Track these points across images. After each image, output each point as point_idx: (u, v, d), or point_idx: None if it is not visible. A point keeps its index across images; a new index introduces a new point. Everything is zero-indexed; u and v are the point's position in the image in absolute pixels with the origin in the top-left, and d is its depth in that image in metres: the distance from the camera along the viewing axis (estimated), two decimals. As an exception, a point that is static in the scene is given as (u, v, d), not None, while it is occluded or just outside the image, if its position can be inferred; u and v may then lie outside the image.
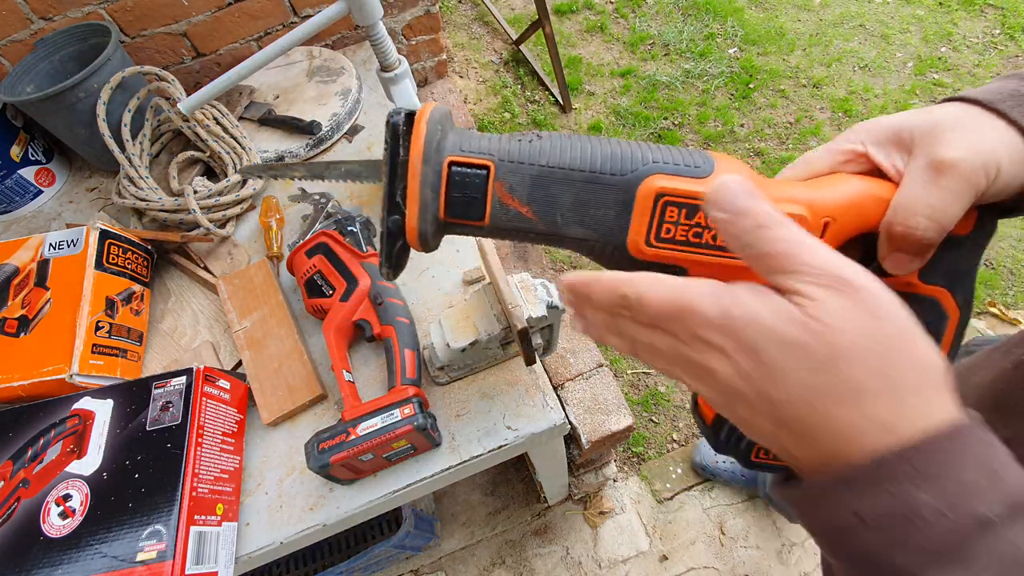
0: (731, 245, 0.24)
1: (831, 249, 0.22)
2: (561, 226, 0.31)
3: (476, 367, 0.71)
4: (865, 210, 0.29)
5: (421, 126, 0.30)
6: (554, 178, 0.30)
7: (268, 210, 0.89)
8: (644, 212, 0.29)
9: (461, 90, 2.05)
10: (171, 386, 0.64)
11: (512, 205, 0.31)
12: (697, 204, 0.29)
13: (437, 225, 0.32)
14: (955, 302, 0.30)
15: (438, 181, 0.31)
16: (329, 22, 0.67)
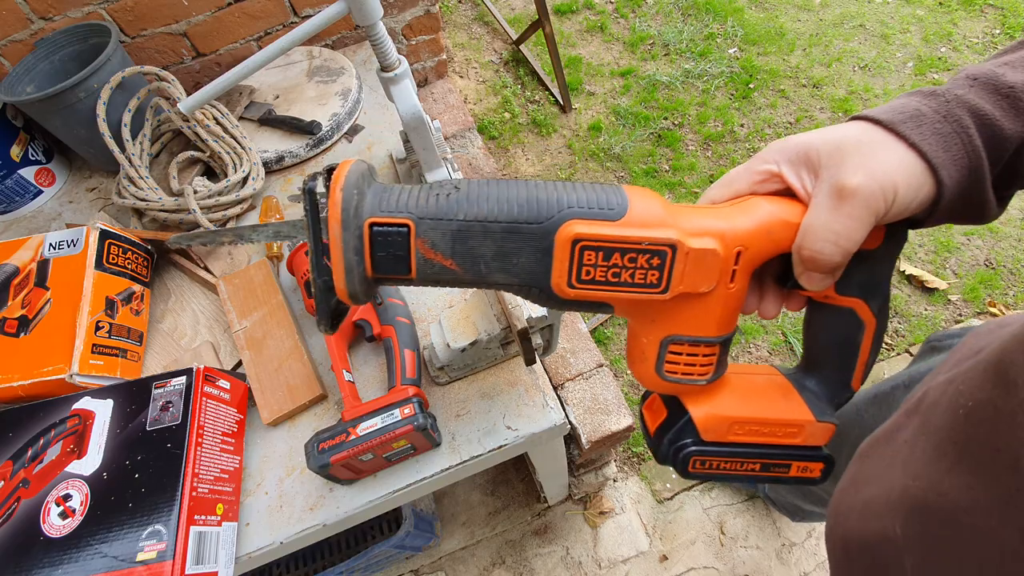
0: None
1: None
2: (486, 275, 0.32)
3: (476, 367, 0.71)
4: (775, 235, 0.31)
5: (337, 194, 0.31)
6: (473, 232, 0.31)
7: (268, 210, 0.89)
8: (563, 257, 0.30)
9: (461, 90, 2.05)
10: (171, 386, 0.64)
11: (436, 260, 0.31)
12: (613, 247, 0.30)
13: (366, 284, 0.33)
14: (871, 311, 0.33)
15: (360, 244, 0.31)
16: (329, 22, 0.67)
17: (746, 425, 0.35)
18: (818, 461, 0.36)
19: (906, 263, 1.56)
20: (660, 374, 0.35)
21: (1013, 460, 0.27)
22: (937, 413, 0.34)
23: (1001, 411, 0.28)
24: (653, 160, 1.84)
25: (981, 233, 1.60)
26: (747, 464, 0.36)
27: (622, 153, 1.86)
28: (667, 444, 0.36)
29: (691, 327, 0.33)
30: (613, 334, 1.54)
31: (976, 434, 0.29)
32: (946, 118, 0.30)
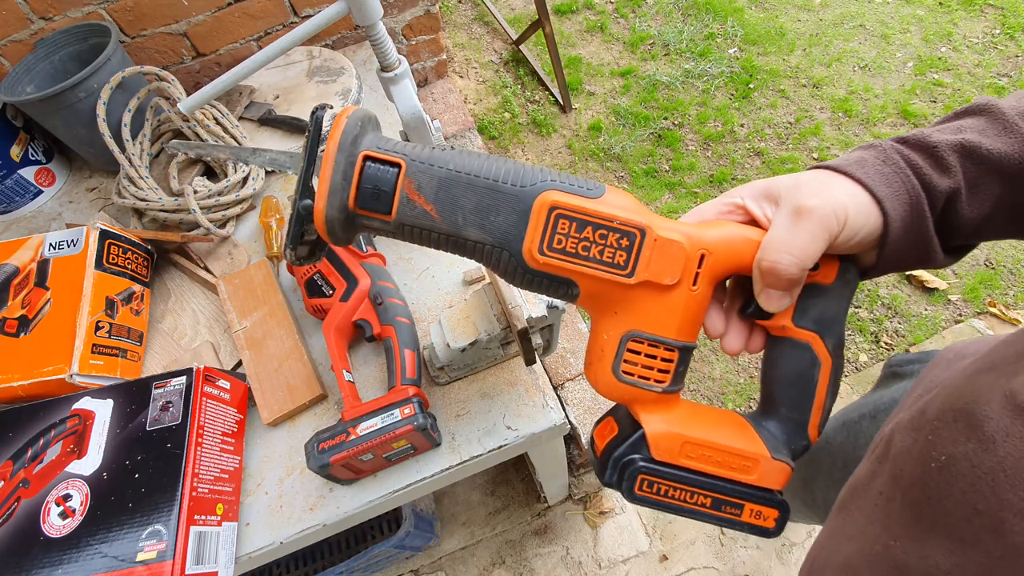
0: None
1: None
2: (462, 227, 0.33)
3: (476, 367, 0.71)
4: (736, 247, 0.33)
5: (342, 120, 0.33)
6: (459, 182, 0.33)
7: (268, 210, 0.89)
8: (539, 222, 0.32)
9: (461, 90, 2.05)
10: (171, 386, 0.64)
11: (418, 202, 0.33)
12: (586, 220, 0.32)
13: (345, 214, 0.34)
14: (826, 348, 0.34)
15: (351, 171, 0.33)
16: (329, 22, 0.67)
17: (699, 449, 0.34)
18: (773, 507, 0.34)
19: (906, 263, 1.56)
20: (616, 373, 0.34)
21: (995, 524, 0.26)
22: (909, 464, 0.34)
23: (979, 469, 0.27)
24: (653, 160, 1.84)
25: (981, 233, 1.60)
26: (697, 496, 0.34)
27: (622, 153, 1.86)
28: (615, 460, 0.34)
29: (653, 324, 0.34)
30: (613, 334, 1.53)
31: (951, 492, 0.29)
32: (885, 162, 0.34)
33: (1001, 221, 0.34)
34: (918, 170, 0.34)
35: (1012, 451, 0.26)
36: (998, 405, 0.28)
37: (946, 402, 0.32)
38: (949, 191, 0.33)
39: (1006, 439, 0.27)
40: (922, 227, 0.33)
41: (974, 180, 0.33)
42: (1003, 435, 0.27)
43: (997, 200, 0.34)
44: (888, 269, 0.35)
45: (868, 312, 1.50)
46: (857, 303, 1.52)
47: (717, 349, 1.48)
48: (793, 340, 0.34)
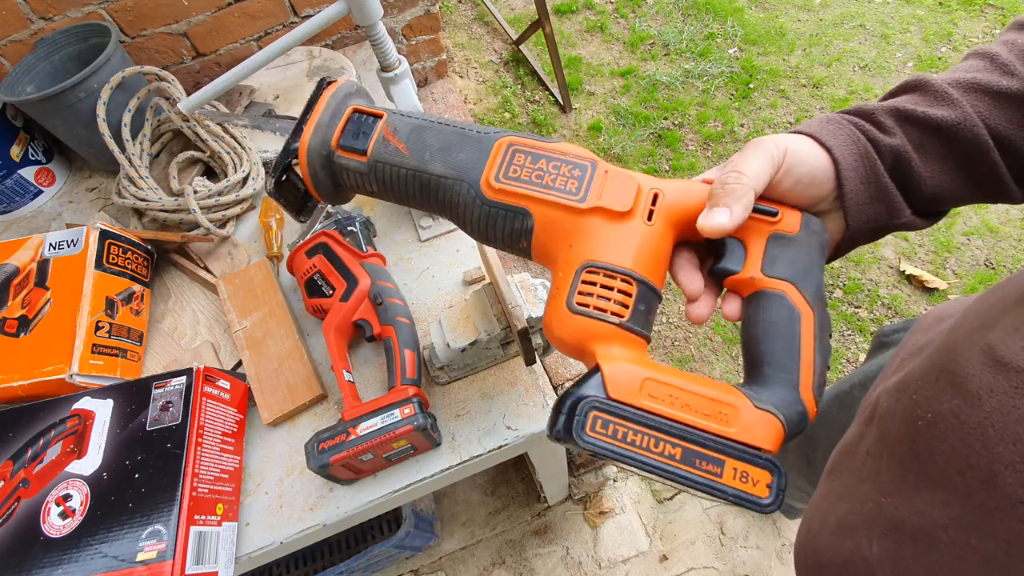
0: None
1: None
2: (428, 162, 0.37)
3: (476, 367, 0.71)
4: (692, 192, 0.34)
5: (340, 80, 0.40)
6: (431, 128, 0.38)
7: (268, 210, 0.89)
8: (496, 156, 0.36)
9: (461, 90, 2.05)
10: (171, 386, 0.64)
11: (392, 141, 0.37)
12: (540, 153, 0.35)
13: (327, 151, 0.38)
14: (803, 297, 0.32)
15: (339, 116, 0.38)
16: (329, 22, 0.67)
17: (664, 388, 0.30)
18: (762, 468, 0.28)
19: (906, 263, 1.56)
20: (571, 306, 0.32)
21: (988, 476, 0.26)
22: (895, 423, 0.34)
23: (967, 425, 0.28)
24: (653, 160, 1.84)
25: (981, 233, 1.60)
26: (664, 444, 0.28)
27: (622, 153, 1.86)
28: (564, 402, 0.30)
29: (608, 253, 0.33)
30: (613, 334, 1.53)
31: (941, 449, 0.29)
32: (828, 121, 0.36)
33: (960, 183, 0.35)
34: (861, 127, 0.36)
35: (998, 406, 0.27)
36: (978, 361, 0.29)
37: (927, 362, 0.32)
38: (895, 148, 0.34)
39: (990, 395, 0.27)
40: (878, 178, 0.34)
41: (918, 141, 0.35)
42: (987, 391, 0.28)
43: (945, 161, 0.35)
44: (861, 227, 0.35)
45: (868, 312, 1.50)
46: (857, 303, 1.52)
47: (717, 348, 1.48)
48: (766, 292, 0.32)
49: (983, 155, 0.34)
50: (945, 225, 1.63)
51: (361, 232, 0.79)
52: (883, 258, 1.59)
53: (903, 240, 1.62)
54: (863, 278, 1.56)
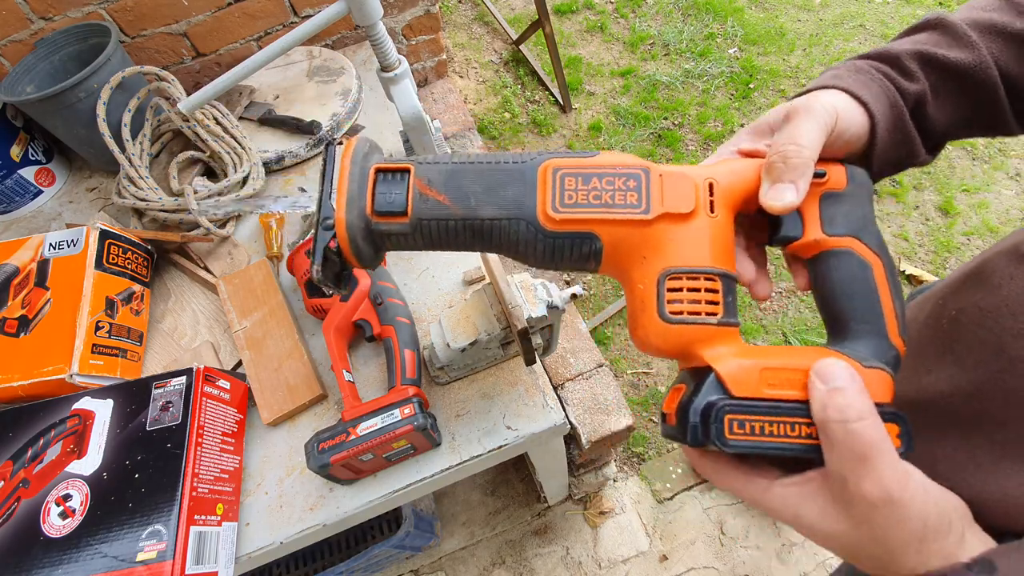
0: (821, 411, 0.28)
1: (894, 459, 0.26)
2: (476, 208, 0.34)
3: (476, 367, 0.71)
4: (742, 173, 0.34)
5: (351, 142, 0.36)
6: (465, 170, 0.35)
7: (268, 210, 0.89)
8: (546, 185, 0.34)
9: (461, 90, 2.05)
10: (171, 386, 0.64)
11: (430, 195, 0.35)
12: (590, 172, 0.34)
13: (365, 222, 0.35)
14: (869, 248, 0.33)
15: (365, 182, 0.35)
16: (329, 22, 0.67)
17: (780, 374, 0.30)
18: (891, 422, 0.28)
19: (906, 263, 1.56)
20: (664, 316, 0.32)
21: (997, 347, 0.31)
22: (915, 327, 0.40)
23: (984, 310, 0.33)
24: (653, 160, 1.84)
25: (981, 233, 1.60)
26: (799, 426, 0.29)
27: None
28: (694, 412, 0.30)
29: (685, 256, 0.33)
30: (613, 334, 1.54)
31: (960, 336, 0.34)
32: (858, 72, 0.36)
33: (966, 122, 0.37)
34: (889, 76, 0.36)
35: (1015, 289, 0.31)
36: (1005, 257, 0.33)
37: (955, 275, 0.38)
38: (917, 94, 0.35)
39: (1010, 281, 0.32)
40: (904, 126, 0.35)
41: (936, 85, 0.36)
42: (1007, 279, 0.32)
43: (958, 103, 0.36)
44: (881, 171, 0.37)
45: (868, 312, 1.50)
46: (857, 303, 1.52)
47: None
48: (833, 251, 0.33)
49: (993, 95, 0.35)
50: (945, 225, 1.63)
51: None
52: (883, 258, 1.59)
53: (903, 240, 1.62)
54: (863, 278, 1.56)
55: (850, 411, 0.26)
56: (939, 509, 0.26)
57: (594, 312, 1.57)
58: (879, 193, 1.71)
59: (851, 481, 0.26)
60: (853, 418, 0.26)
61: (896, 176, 1.74)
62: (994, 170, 1.73)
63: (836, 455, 0.27)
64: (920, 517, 0.25)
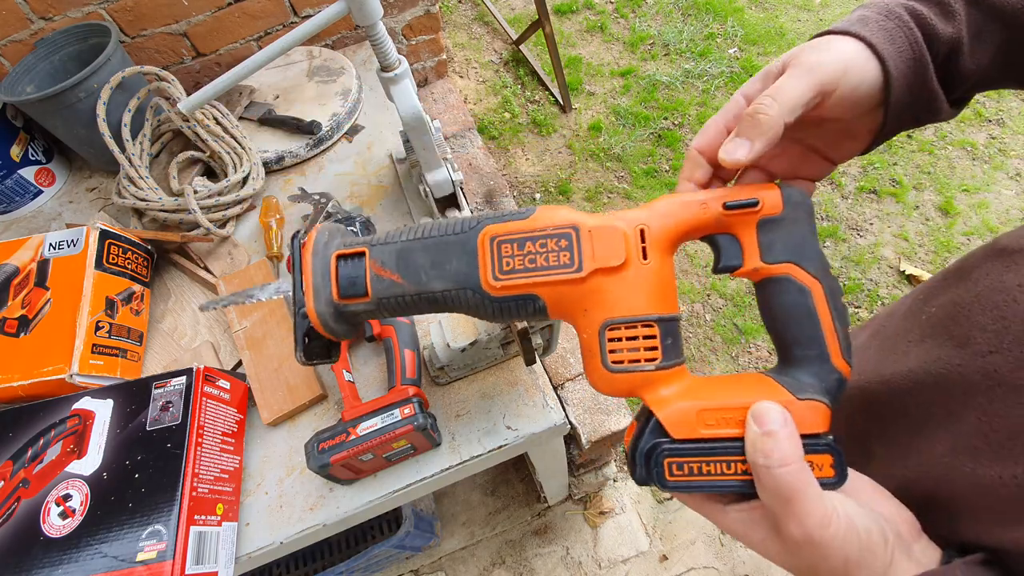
0: (751, 453, 0.29)
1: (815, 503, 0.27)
2: (426, 283, 0.37)
3: (476, 367, 0.71)
4: (675, 211, 0.35)
5: (312, 235, 0.40)
6: (413, 248, 0.38)
7: (268, 210, 0.89)
8: (485, 254, 0.36)
9: (461, 90, 2.05)
10: (171, 386, 0.64)
11: (385, 275, 0.38)
12: (524, 237, 0.35)
13: (333, 307, 0.39)
14: (807, 273, 0.33)
15: (327, 271, 0.39)
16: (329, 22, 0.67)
17: (716, 414, 0.32)
18: (823, 452, 0.30)
19: (906, 263, 1.56)
20: (607, 366, 0.34)
21: (964, 340, 0.32)
22: (893, 321, 0.40)
23: (959, 305, 0.33)
24: (653, 160, 1.84)
25: (981, 233, 1.60)
26: (735, 464, 0.31)
27: (622, 153, 1.86)
28: (638, 455, 0.33)
29: (621, 307, 0.34)
30: (613, 334, 1.53)
31: (935, 332, 0.35)
32: (888, 17, 0.33)
33: (1004, 69, 0.34)
34: (922, 19, 0.33)
35: (989, 284, 0.32)
36: (982, 255, 0.34)
37: (938, 274, 0.38)
38: (952, 39, 0.33)
39: (986, 276, 0.32)
40: (927, 81, 0.33)
41: (978, 28, 0.33)
42: (984, 274, 0.32)
43: (997, 49, 0.33)
44: (895, 128, 0.35)
45: (868, 312, 1.50)
46: (857, 303, 1.52)
47: (717, 348, 1.48)
48: (772, 278, 0.34)
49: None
50: (945, 225, 1.63)
51: (361, 232, 0.79)
52: (883, 258, 1.59)
53: (903, 240, 1.62)
54: (863, 278, 1.56)
55: (775, 456, 0.28)
56: (862, 543, 0.27)
57: (594, 312, 1.57)
58: (879, 193, 1.71)
59: (779, 519, 0.28)
60: (776, 464, 0.28)
61: (896, 176, 1.74)
62: (994, 170, 1.73)
63: (765, 495, 0.29)
64: (840, 555, 0.27)
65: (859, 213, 1.69)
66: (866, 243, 1.63)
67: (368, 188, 0.94)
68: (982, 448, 0.30)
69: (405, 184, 0.93)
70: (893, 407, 0.37)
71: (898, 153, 1.80)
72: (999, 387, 0.29)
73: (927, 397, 0.34)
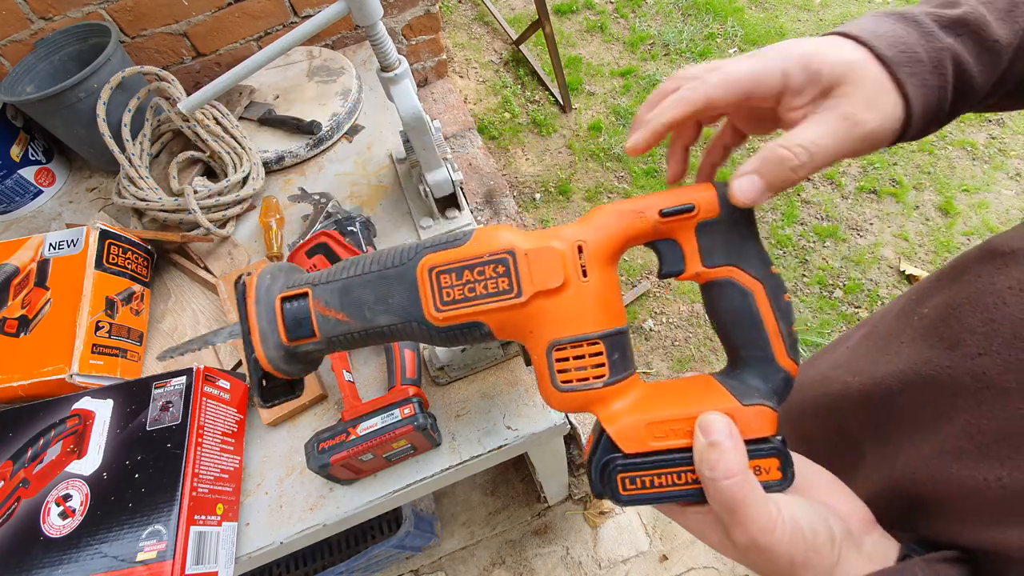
0: (698, 464, 0.30)
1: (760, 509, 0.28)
2: (371, 319, 0.37)
3: (476, 367, 0.71)
4: (609, 226, 0.34)
5: (253, 279, 0.39)
6: (354, 285, 0.37)
7: (268, 210, 0.89)
8: (426, 286, 0.35)
9: (461, 90, 2.05)
10: (171, 386, 0.64)
11: (330, 315, 0.37)
12: (461, 266, 0.35)
13: (283, 350, 0.38)
14: (748, 275, 0.33)
15: (273, 315, 0.38)
16: (329, 22, 0.67)
17: (664, 426, 0.32)
18: (769, 456, 0.31)
19: (906, 263, 1.56)
20: (557, 386, 0.35)
21: (953, 342, 0.32)
22: (886, 322, 0.41)
23: (950, 305, 0.34)
24: (653, 160, 1.84)
25: (981, 233, 1.60)
26: (685, 474, 0.32)
27: (622, 153, 1.85)
28: (595, 471, 0.33)
29: (565, 327, 0.34)
30: (613, 334, 1.53)
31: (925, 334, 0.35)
32: (936, 68, 0.30)
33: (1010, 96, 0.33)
34: (964, 75, 0.30)
35: (980, 285, 0.32)
36: (975, 254, 0.34)
37: (932, 275, 0.38)
38: (985, 81, 0.31)
39: (978, 278, 0.32)
40: (940, 113, 0.31)
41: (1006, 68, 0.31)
42: (975, 276, 0.32)
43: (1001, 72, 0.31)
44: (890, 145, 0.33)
45: (868, 312, 1.50)
46: (857, 303, 1.52)
47: (717, 348, 1.48)
48: (715, 282, 0.34)
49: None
50: (945, 225, 1.63)
51: (361, 232, 0.79)
52: (883, 258, 1.59)
53: (903, 240, 1.62)
54: (863, 278, 1.56)
55: (719, 468, 0.29)
56: (808, 544, 0.28)
57: (594, 312, 1.57)
58: (879, 193, 1.71)
59: (726, 526, 0.29)
60: (721, 476, 0.28)
61: (896, 176, 1.74)
62: (994, 170, 1.73)
63: (713, 504, 0.30)
64: (786, 558, 0.28)
65: (859, 213, 1.69)
66: (866, 243, 1.63)
67: (368, 188, 0.94)
68: (969, 450, 0.30)
69: (405, 184, 0.93)
70: (885, 408, 0.38)
71: (898, 153, 1.80)
72: (987, 389, 0.30)
73: (917, 398, 0.35)
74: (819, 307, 1.53)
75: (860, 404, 0.40)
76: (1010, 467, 0.27)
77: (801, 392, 0.49)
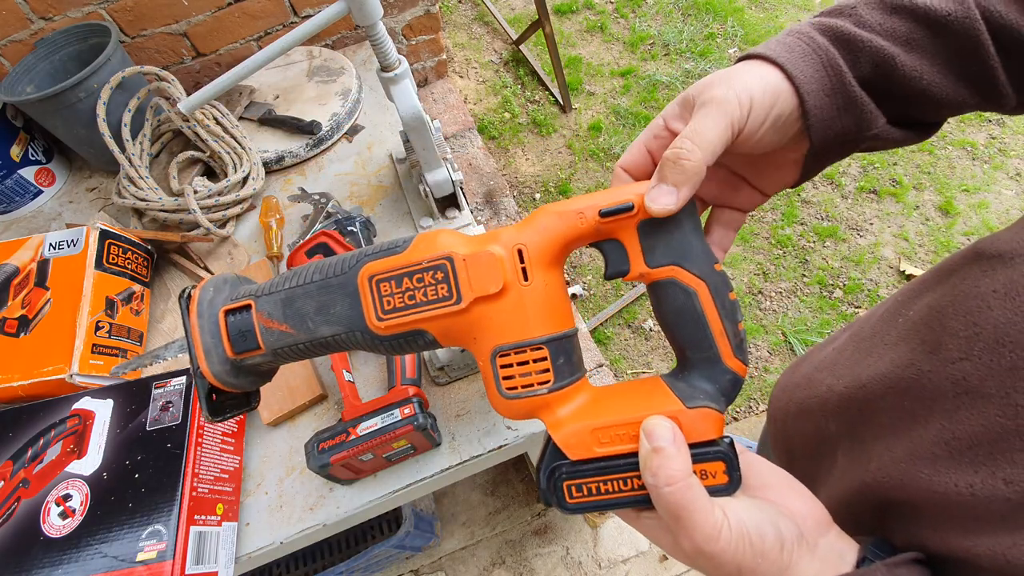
0: (643, 470, 0.30)
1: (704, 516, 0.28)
2: (314, 330, 0.36)
3: (476, 367, 0.71)
4: (551, 228, 0.34)
5: (195, 293, 0.38)
6: (296, 295, 0.36)
7: (268, 210, 0.89)
8: (367, 295, 0.35)
9: (461, 90, 2.05)
10: (171, 386, 0.64)
11: (273, 327, 0.37)
12: (400, 273, 0.34)
13: (229, 364, 0.38)
14: (691, 274, 0.33)
15: (216, 329, 0.37)
16: (329, 22, 0.67)
17: (610, 431, 0.32)
18: (715, 460, 0.31)
19: (906, 263, 1.56)
20: (503, 394, 0.34)
21: (934, 347, 0.32)
22: (871, 323, 0.41)
23: (935, 309, 0.33)
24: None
25: (981, 233, 1.60)
26: (631, 480, 0.31)
27: (622, 153, 1.86)
28: (543, 479, 0.33)
29: (508, 333, 0.33)
30: (613, 334, 1.54)
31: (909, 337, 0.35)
32: (791, 32, 0.33)
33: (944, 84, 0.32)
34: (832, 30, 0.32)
35: (964, 289, 0.31)
36: (962, 256, 0.34)
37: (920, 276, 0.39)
38: (874, 48, 0.31)
39: (963, 281, 0.32)
40: (845, 87, 0.31)
41: (906, 36, 0.32)
42: (961, 279, 0.32)
43: (935, 57, 0.32)
44: (827, 145, 0.33)
45: (868, 312, 1.50)
46: (857, 303, 1.52)
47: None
48: (659, 283, 0.33)
49: (976, 51, 0.31)
50: (945, 225, 1.63)
51: (361, 232, 0.79)
52: (883, 258, 1.59)
53: (903, 240, 1.62)
54: (863, 278, 1.56)
55: (662, 475, 0.28)
56: (755, 549, 0.27)
57: (594, 312, 1.57)
58: (879, 193, 1.71)
59: (673, 533, 0.29)
60: (663, 483, 0.28)
61: (896, 176, 1.74)
62: (994, 170, 1.73)
63: (659, 509, 0.29)
64: (733, 564, 0.27)
65: (859, 213, 1.69)
66: (866, 243, 1.63)
67: (368, 188, 0.94)
68: (942, 456, 0.29)
69: (405, 184, 0.93)
70: (864, 411, 0.37)
71: (898, 153, 1.80)
72: (966, 395, 0.29)
73: (895, 401, 0.34)
74: (819, 307, 1.53)
75: (840, 407, 0.40)
76: (983, 475, 0.27)
77: (787, 394, 0.49)
